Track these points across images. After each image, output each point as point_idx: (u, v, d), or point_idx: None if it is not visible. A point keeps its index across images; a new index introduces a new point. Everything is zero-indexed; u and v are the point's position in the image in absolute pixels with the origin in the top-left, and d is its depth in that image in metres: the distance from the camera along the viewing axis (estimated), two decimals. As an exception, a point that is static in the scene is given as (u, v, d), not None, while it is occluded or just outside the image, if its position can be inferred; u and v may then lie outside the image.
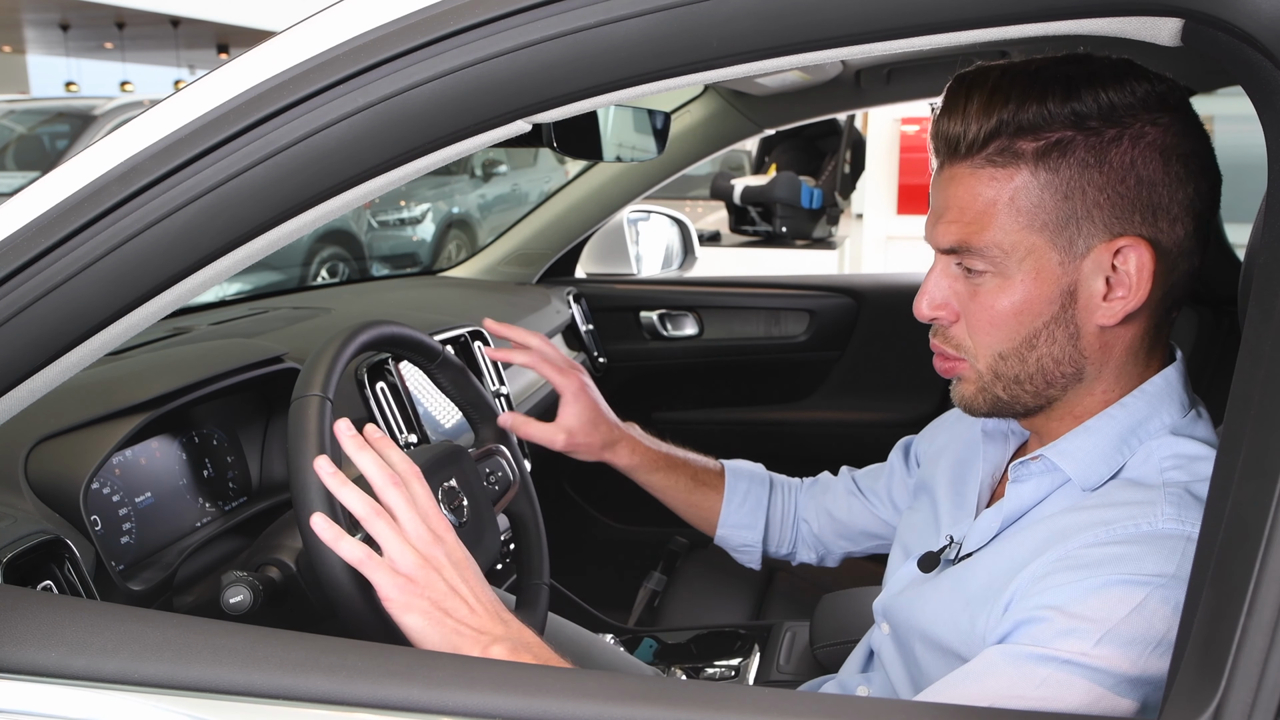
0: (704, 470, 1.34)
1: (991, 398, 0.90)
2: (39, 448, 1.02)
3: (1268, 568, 0.55)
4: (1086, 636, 0.75)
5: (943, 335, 0.92)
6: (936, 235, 0.89)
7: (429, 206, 7.72)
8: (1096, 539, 0.80)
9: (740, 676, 1.49)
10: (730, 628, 1.63)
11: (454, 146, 0.72)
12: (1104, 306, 0.84)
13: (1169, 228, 0.83)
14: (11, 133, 6.64)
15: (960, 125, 0.85)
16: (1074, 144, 0.82)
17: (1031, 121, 0.82)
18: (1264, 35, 0.59)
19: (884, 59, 1.80)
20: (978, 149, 0.85)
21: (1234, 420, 0.63)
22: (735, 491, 1.33)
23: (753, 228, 5.58)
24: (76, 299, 0.74)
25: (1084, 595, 0.77)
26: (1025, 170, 0.83)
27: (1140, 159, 0.82)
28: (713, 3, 0.64)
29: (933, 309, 0.90)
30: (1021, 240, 0.84)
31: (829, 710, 0.68)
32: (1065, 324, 0.86)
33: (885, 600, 1.05)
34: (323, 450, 0.95)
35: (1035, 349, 0.87)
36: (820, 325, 2.37)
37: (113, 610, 0.76)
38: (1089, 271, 0.84)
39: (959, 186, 0.86)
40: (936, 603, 0.93)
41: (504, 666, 0.71)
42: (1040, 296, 0.85)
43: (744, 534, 1.33)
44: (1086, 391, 0.89)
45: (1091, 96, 0.81)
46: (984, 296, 0.87)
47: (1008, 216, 0.84)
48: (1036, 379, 0.88)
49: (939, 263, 0.91)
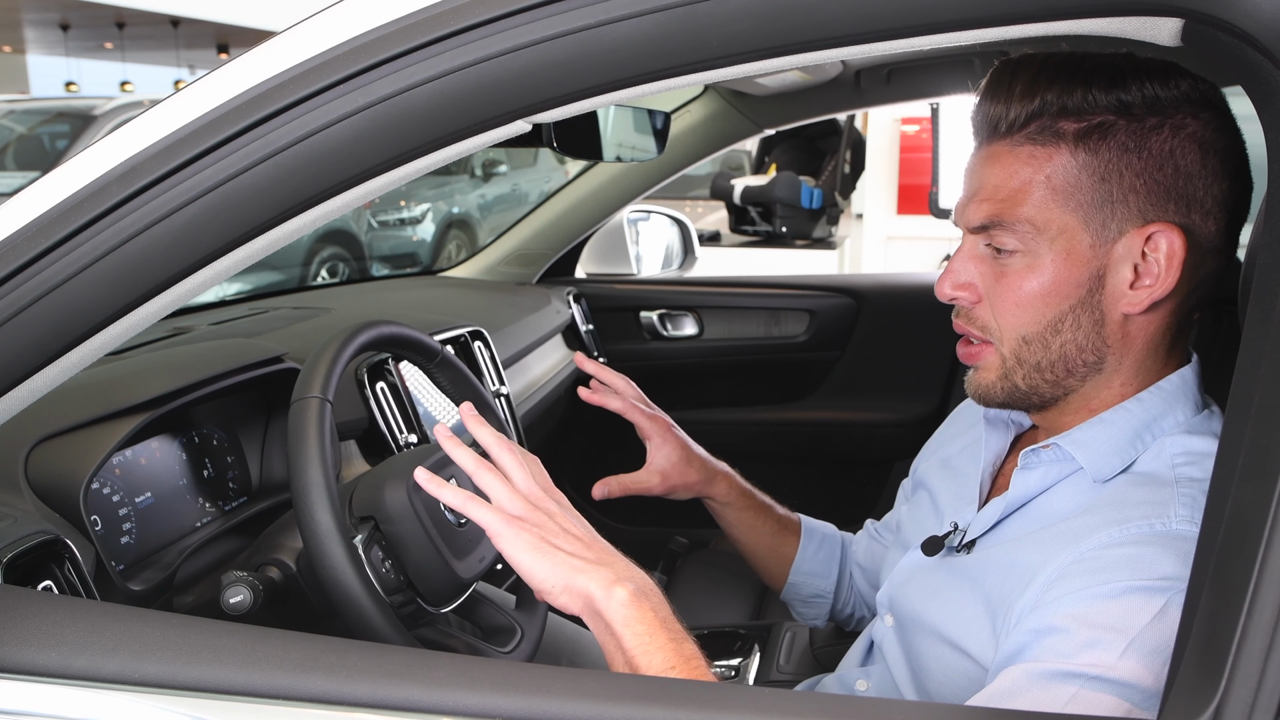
0: (785, 517, 1.34)
1: (1010, 386, 0.90)
2: (39, 448, 1.02)
3: (1268, 568, 0.55)
4: (1110, 648, 0.74)
5: (966, 316, 0.92)
6: (968, 213, 0.89)
7: (429, 206, 7.72)
8: (1111, 539, 0.79)
9: (740, 676, 1.49)
10: (730, 628, 1.62)
11: (454, 146, 0.72)
12: (1130, 294, 0.84)
13: (1201, 220, 0.83)
14: (11, 133, 6.64)
15: (1003, 106, 0.86)
16: (1115, 128, 0.82)
17: (1075, 105, 0.83)
18: (1264, 35, 0.59)
19: (884, 59, 1.81)
20: (1019, 128, 0.85)
21: (1234, 420, 0.63)
22: (811, 540, 1.32)
23: (753, 228, 5.58)
24: (76, 299, 0.74)
25: (1102, 601, 0.76)
26: (1065, 150, 0.83)
27: (1180, 149, 0.82)
28: (713, 3, 0.64)
29: (955, 289, 0.90)
30: (1055, 219, 0.84)
31: (829, 710, 0.68)
32: (1091, 309, 0.86)
33: (890, 591, 1.04)
34: (323, 452, 0.95)
35: (1060, 334, 0.86)
36: (820, 325, 2.37)
37: (113, 610, 0.76)
38: (1119, 257, 0.84)
39: (996, 165, 0.86)
40: (948, 598, 0.92)
41: (504, 666, 0.71)
42: (1069, 279, 0.85)
43: (817, 583, 1.32)
44: (1105, 384, 0.89)
45: (1137, 87, 0.82)
46: (1011, 277, 0.87)
47: (1043, 194, 0.84)
48: (1058, 366, 0.88)
49: (967, 243, 0.90)
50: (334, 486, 0.94)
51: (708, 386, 2.48)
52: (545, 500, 0.88)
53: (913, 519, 1.10)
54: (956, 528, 0.96)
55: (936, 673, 0.92)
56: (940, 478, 1.07)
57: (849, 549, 1.35)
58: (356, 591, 0.91)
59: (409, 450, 1.22)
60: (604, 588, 0.80)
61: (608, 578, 0.81)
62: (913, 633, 0.97)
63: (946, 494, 1.04)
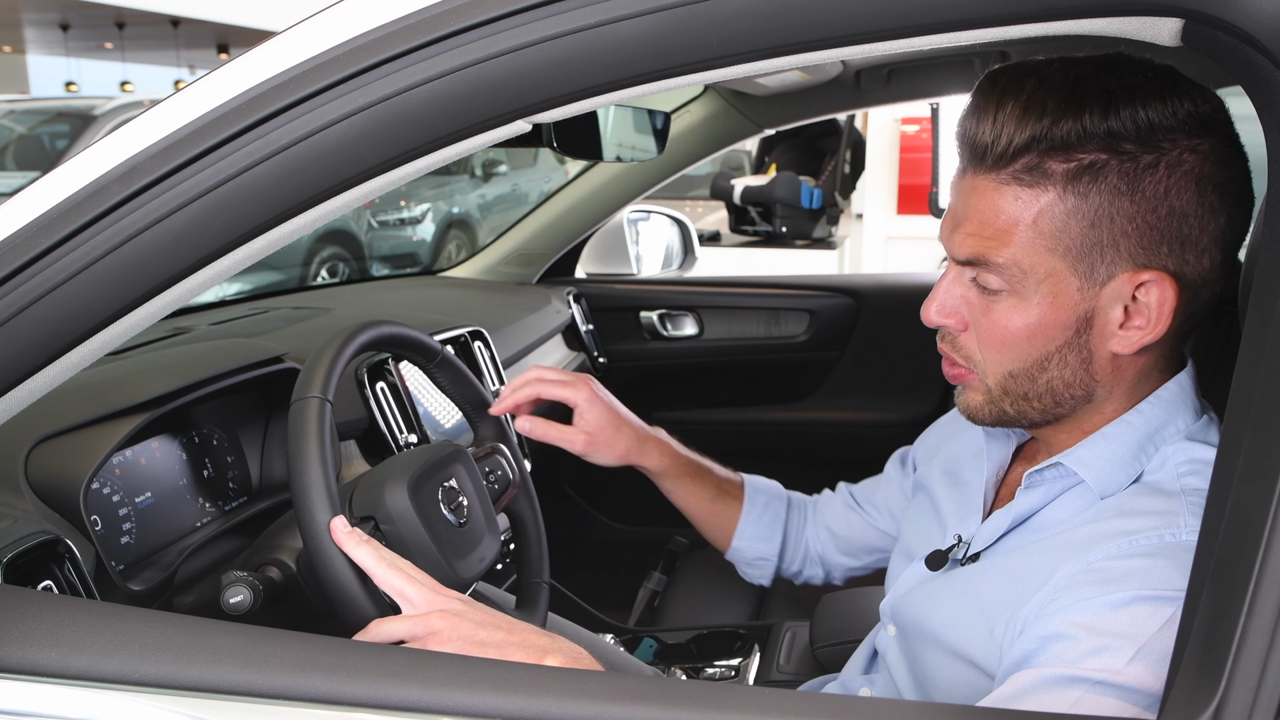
0: (727, 481, 1.33)
1: (998, 411, 0.89)
2: (39, 448, 1.02)
3: (1268, 568, 0.55)
4: (1118, 654, 0.73)
5: (951, 342, 0.90)
6: (954, 244, 0.86)
7: (429, 206, 7.72)
8: (1120, 550, 0.78)
9: (740, 676, 1.49)
10: (730, 628, 1.62)
11: (454, 146, 0.72)
12: (1120, 335, 0.82)
13: (1195, 260, 0.80)
14: (11, 133, 6.64)
15: (989, 133, 0.81)
16: (1107, 169, 0.78)
17: (1064, 139, 0.78)
18: (1264, 35, 0.59)
19: (884, 59, 1.80)
20: (1005, 163, 0.81)
21: (1234, 421, 0.63)
22: (754, 504, 1.31)
23: (753, 228, 5.58)
24: (76, 299, 0.73)
25: (1110, 610, 0.75)
26: (1053, 192, 0.79)
27: (1175, 188, 0.78)
28: (713, 3, 0.64)
29: (941, 316, 0.88)
30: (1041, 262, 0.81)
31: (829, 710, 0.68)
32: (1079, 349, 0.84)
33: (893, 601, 1.03)
34: (323, 452, 0.95)
35: (1046, 371, 0.85)
36: (820, 325, 2.37)
37: (113, 610, 0.76)
38: (1108, 299, 0.81)
39: (981, 199, 0.83)
40: (949, 606, 0.92)
41: (504, 666, 0.71)
42: (1055, 321, 0.83)
43: (760, 547, 1.31)
44: (1096, 410, 0.87)
45: (1130, 114, 0.77)
46: (997, 314, 0.85)
47: (1029, 236, 0.81)
48: (1045, 398, 0.86)
49: (953, 270, 0.88)
50: (334, 486, 0.94)
51: (708, 387, 2.48)
52: (451, 600, 0.88)
53: (914, 525, 1.09)
54: (960, 540, 0.95)
55: (941, 682, 0.91)
56: (942, 485, 1.06)
57: (803, 510, 1.34)
58: (356, 592, 0.91)
59: (409, 450, 1.22)
60: (537, 661, 0.82)
61: (537, 653, 0.82)
62: (916, 643, 0.97)
63: (949, 503, 1.03)
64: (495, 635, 0.84)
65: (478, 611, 0.87)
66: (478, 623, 0.85)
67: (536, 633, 0.86)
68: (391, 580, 0.89)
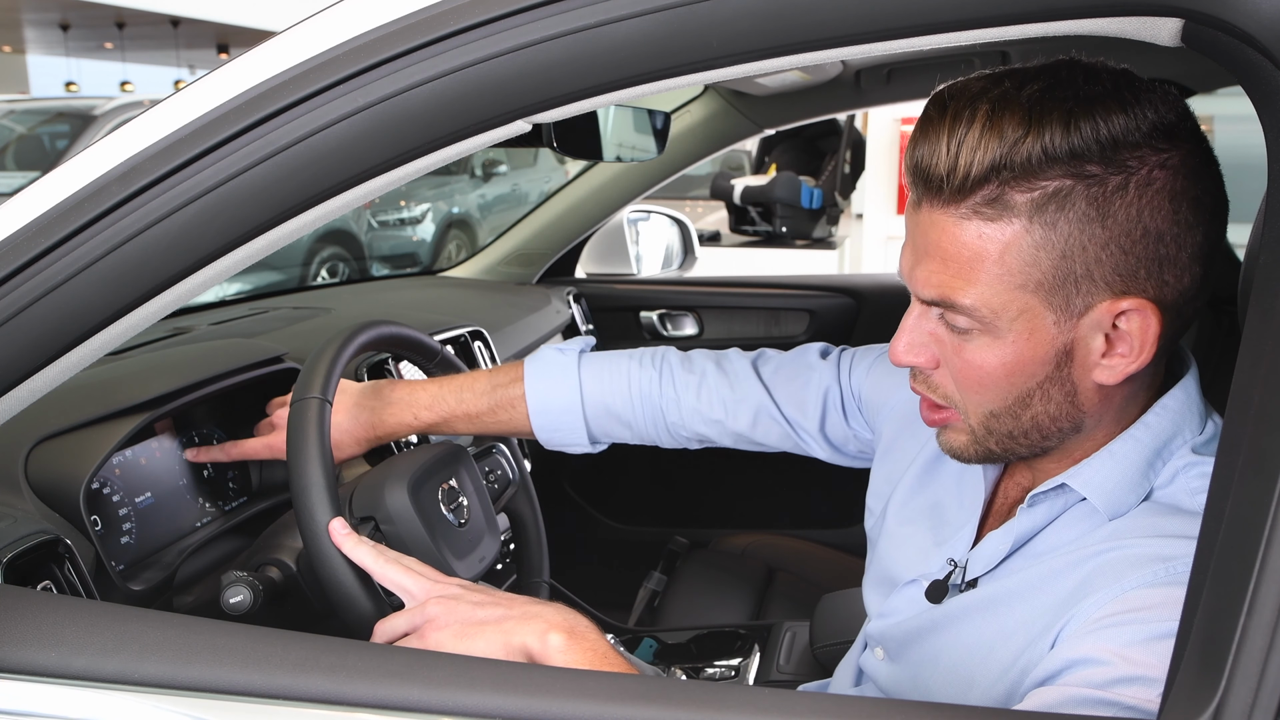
0: (500, 371, 1.20)
1: (984, 451, 0.84)
2: (39, 448, 1.02)
3: (1268, 568, 0.55)
4: (1153, 686, 0.68)
5: (925, 382, 0.85)
6: (916, 282, 0.80)
7: (429, 206, 7.72)
8: (1156, 578, 0.74)
9: (740, 676, 1.49)
10: (730, 628, 1.62)
11: (454, 146, 0.72)
12: (1104, 365, 0.78)
13: (1176, 280, 0.76)
14: (11, 133, 6.64)
15: (944, 163, 0.74)
16: (1073, 195, 0.72)
17: (1024, 165, 0.72)
18: (1264, 35, 0.59)
19: (884, 59, 1.80)
20: (964, 195, 0.74)
21: (1234, 420, 0.63)
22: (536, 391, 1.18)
23: (753, 228, 5.58)
24: (76, 299, 0.74)
25: (1146, 641, 0.71)
26: (1018, 224, 0.74)
27: (1148, 209, 0.73)
28: (713, 3, 0.64)
29: (911, 355, 0.83)
30: (1013, 300, 0.76)
31: (829, 710, 0.68)
32: (1061, 383, 0.79)
33: (883, 629, 0.97)
34: (323, 453, 0.95)
35: (1029, 408, 0.80)
36: (820, 325, 2.37)
37: (113, 610, 0.76)
38: (1087, 330, 0.77)
39: (941, 234, 0.76)
40: (957, 636, 0.87)
41: (504, 666, 0.71)
42: (1033, 357, 0.78)
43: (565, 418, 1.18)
44: (1088, 438, 0.83)
45: (1091, 130, 0.71)
46: (970, 353, 0.79)
47: (996, 274, 0.75)
48: (1032, 434, 0.82)
49: (917, 307, 0.82)
50: (334, 486, 0.94)
51: (708, 386, 2.47)
52: (448, 585, 0.88)
53: (893, 545, 1.01)
54: (955, 565, 0.90)
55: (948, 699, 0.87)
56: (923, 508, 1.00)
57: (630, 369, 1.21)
58: (356, 592, 0.91)
59: (409, 450, 1.22)
60: (539, 637, 0.80)
61: (540, 628, 0.81)
62: (916, 670, 0.92)
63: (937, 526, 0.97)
64: (494, 612, 0.84)
65: (475, 593, 0.87)
66: (475, 603, 0.85)
67: (535, 603, 0.85)
68: (391, 575, 0.89)
